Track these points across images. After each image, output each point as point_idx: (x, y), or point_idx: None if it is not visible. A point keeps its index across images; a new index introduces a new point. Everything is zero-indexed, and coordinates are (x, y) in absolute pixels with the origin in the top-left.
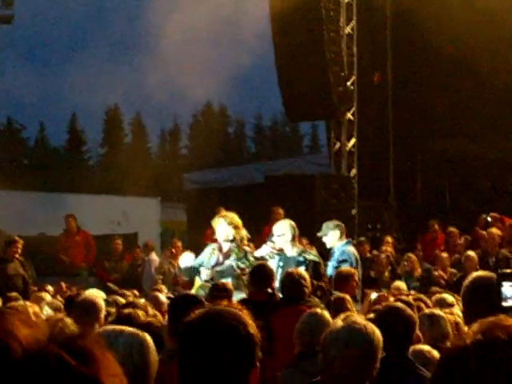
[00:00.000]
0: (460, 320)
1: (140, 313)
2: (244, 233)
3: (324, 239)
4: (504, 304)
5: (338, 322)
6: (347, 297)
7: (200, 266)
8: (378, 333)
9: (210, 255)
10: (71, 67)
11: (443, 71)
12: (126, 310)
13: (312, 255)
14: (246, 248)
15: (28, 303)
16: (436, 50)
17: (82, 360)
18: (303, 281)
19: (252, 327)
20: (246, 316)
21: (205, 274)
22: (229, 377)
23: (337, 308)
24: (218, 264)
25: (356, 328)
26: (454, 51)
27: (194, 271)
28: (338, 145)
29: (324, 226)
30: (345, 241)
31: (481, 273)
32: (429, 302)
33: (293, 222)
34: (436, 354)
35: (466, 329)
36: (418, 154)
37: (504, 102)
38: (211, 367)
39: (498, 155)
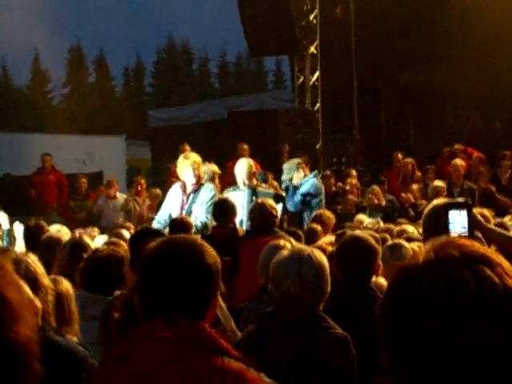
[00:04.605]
0: None
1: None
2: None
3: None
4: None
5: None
6: (318, 227)
7: (170, 214)
8: (324, 258)
9: (173, 197)
10: None
11: (406, 2)
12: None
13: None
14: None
15: None
16: None
17: None
18: (273, 211)
19: (210, 256)
20: (204, 245)
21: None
22: (187, 304)
23: (310, 237)
24: (182, 205)
25: (305, 256)
26: None
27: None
28: (301, 79)
29: (285, 169)
30: (311, 174)
31: (439, 201)
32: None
33: (251, 160)
34: None
35: None
36: (382, 86)
37: (470, 34)
38: (169, 294)
39: (461, 87)
